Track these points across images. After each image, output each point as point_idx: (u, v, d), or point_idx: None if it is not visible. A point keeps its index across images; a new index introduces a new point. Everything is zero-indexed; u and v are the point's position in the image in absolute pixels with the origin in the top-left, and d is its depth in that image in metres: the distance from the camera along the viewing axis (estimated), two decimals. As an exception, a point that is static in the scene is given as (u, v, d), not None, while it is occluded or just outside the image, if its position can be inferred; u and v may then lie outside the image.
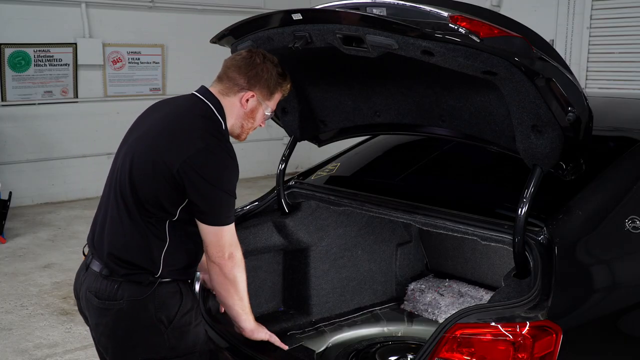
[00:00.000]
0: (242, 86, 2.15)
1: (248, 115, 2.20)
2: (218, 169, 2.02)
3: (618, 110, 2.90)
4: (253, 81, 2.15)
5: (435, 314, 3.05)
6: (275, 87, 2.19)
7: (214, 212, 2.05)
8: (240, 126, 2.21)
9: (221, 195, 2.04)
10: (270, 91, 2.19)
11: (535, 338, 1.75)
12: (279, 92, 2.22)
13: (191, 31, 8.92)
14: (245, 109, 2.18)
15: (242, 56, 2.18)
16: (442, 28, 1.74)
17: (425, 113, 2.43)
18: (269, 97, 2.20)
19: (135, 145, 2.13)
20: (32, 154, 7.98)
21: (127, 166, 2.10)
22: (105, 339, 2.14)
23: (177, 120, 2.12)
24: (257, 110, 2.20)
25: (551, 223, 2.04)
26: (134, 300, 2.05)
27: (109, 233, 2.13)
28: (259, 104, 2.19)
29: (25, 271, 5.57)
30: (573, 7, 7.16)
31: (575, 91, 1.86)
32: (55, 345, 4.13)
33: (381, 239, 3.18)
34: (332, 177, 3.02)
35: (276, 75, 2.17)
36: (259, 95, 2.17)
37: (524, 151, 2.03)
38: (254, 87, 2.16)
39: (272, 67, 2.16)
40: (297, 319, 2.91)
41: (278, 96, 2.24)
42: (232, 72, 2.17)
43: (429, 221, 2.37)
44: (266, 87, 2.17)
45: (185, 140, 2.03)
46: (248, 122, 2.21)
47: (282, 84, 2.21)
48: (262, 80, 2.15)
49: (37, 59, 7.79)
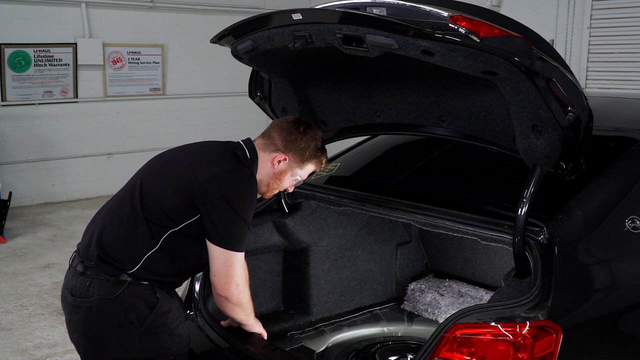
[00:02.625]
0: (278, 147, 2.25)
1: (276, 175, 2.27)
2: (239, 193, 2.07)
3: (618, 110, 2.90)
4: (290, 145, 2.25)
5: (435, 314, 3.05)
6: (309, 158, 2.28)
7: (226, 233, 2.07)
8: (266, 184, 2.28)
9: (237, 220, 2.07)
10: (304, 159, 2.27)
11: (535, 338, 1.75)
12: (313, 163, 2.30)
13: (191, 31, 8.92)
14: (275, 169, 2.26)
15: (288, 120, 2.32)
16: (442, 28, 1.73)
17: (425, 113, 2.43)
18: (300, 165, 2.28)
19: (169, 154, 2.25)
20: (32, 154, 7.98)
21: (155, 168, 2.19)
22: (77, 336, 2.15)
23: (212, 146, 2.23)
24: (285, 173, 2.28)
25: (551, 223, 2.03)
26: (103, 299, 2.05)
27: (104, 219, 2.16)
28: (289, 168, 2.27)
29: (25, 271, 5.57)
30: (573, 7, 7.16)
31: (575, 91, 1.86)
32: (55, 345, 4.13)
33: (381, 239, 3.18)
34: (332, 177, 3.02)
35: (314, 148, 2.27)
36: (291, 160, 2.26)
37: (524, 151, 2.03)
38: (288, 151, 2.25)
39: (312, 139, 2.27)
40: (297, 319, 2.91)
41: (311, 167, 2.31)
42: (274, 132, 2.28)
43: (429, 221, 2.36)
44: (300, 155, 2.26)
45: (215, 161, 2.12)
46: (275, 182, 2.28)
47: (318, 156, 2.30)
48: (298, 148, 2.25)
49: (37, 59, 7.79)
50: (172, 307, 2.16)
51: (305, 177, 2.35)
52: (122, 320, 2.04)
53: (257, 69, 2.61)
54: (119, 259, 2.07)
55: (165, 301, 2.12)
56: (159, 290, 2.12)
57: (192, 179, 2.07)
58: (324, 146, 2.32)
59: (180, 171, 2.12)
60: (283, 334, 2.79)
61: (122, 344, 2.06)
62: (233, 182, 2.07)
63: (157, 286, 2.12)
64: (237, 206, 2.06)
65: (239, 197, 2.07)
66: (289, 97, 2.68)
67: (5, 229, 6.52)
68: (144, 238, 2.07)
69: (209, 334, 2.46)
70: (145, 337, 2.07)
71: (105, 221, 2.16)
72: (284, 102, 2.70)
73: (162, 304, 2.10)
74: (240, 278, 2.13)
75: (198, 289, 2.60)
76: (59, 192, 8.24)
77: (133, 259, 2.06)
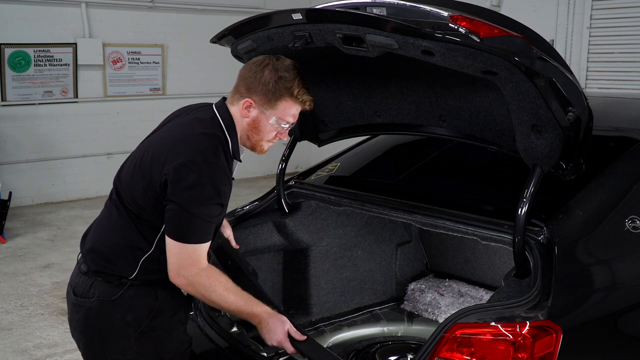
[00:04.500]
0: (242, 93, 2.03)
1: (252, 125, 2.03)
2: (187, 187, 1.88)
3: (618, 110, 2.90)
4: (251, 86, 2.00)
5: (435, 314, 3.05)
6: (278, 93, 1.98)
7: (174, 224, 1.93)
8: (247, 138, 2.07)
9: (183, 213, 1.90)
10: (271, 97, 1.99)
11: (535, 338, 1.75)
12: (286, 99, 1.99)
13: (191, 31, 8.93)
14: (248, 118, 2.03)
15: (252, 61, 2.03)
16: (442, 28, 1.74)
17: (425, 113, 2.43)
18: (271, 105, 2.00)
19: (142, 151, 2.10)
20: (32, 154, 7.98)
21: (132, 167, 2.09)
22: (77, 334, 2.14)
23: (176, 131, 2.04)
24: (259, 120, 2.02)
25: (551, 223, 2.04)
26: (103, 301, 2.03)
27: (97, 227, 2.13)
28: (261, 113, 2.01)
29: (25, 271, 5.58)
30: (573, 7, 7.16)
31: (575, 91, 1.86)
32: (55, 345, 4.13)
33: (381, 239, 3.18)
34: (332, 177, 3.02)
35: (278, 79, 1.97)
36: (258, 103, 2.00)
37: (524, 151, 2.03)
38: (252, 92, 2.00)
39: (274, 70, 1.98)
40: (297, 319, 2.91)
41: (286, 104, 2.00)
42: (237, 79, 2.05)
43: (429, 221, 2.36)
44: (264, 92, 1.98)
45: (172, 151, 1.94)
46: (254, 134, 2.05)
47: (288, 88, 1.98)
48: (260, 85, 1.98)
49: (37, 59, 7.79)
50: (173, 309, 2.11)
51: (289, 119, 2.03)
52: (120, 321, 2.03)
53: (257, 68, 2.60)
54: (117, 269, 2.04)
55: (166, 304, 2.08)
56: (162, 292, 2.07)
57: (152, 176, 1.95)
58: (295, 76, 1.99)
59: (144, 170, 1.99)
60: (283, 334, 2.79)
61: (119, 345, 2.05)
62: (185, 174, 1.88)
63: (160, 286, 2.06)
64: (184, 201, 1.88)
65: (187, 190, 1.88)
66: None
67: (5, 229, 6.53)
68: (137, 242, 2.02)
69: (209, 334, 2.46)
70: (141, 339, 2.04)
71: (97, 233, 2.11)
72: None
73: (160, 307, 2.07)
74: (189, 271, 1.92)
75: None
76: (59, 192, 8.24)
77: (130, 265, 2.03)
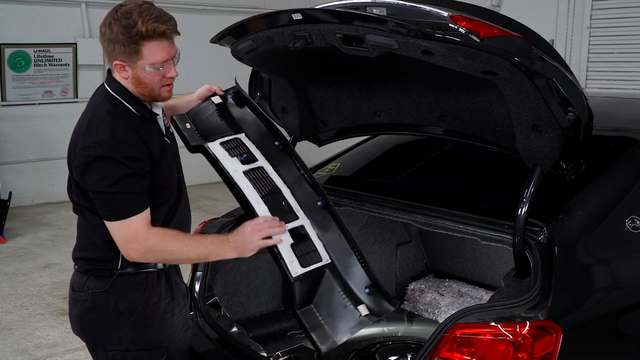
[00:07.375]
0: (110, 59, 1.98)
1: (135, 82, 1.99)
2: (90, 171, 1.91)
3: (618, 110, 2.90)
4: (111, 47, 1.94)
5: (435, 314, 3.05)
6: (132, 44, 1.91)
7: (100, 206, 1.96)
8: (141, 94, 2.03)
9: (100, 195, 1.93)
10: (130, 51, 1.92)
11: (535, 338, 1.75)
12: (143, 44, 1.92)
13: (191, 31, 8.91)
14: (127, 78, 1.99)
15: (101, 24, 1.97)
16: (442, 28, 1.74)
17: (425, 113, 2.43)
18: (137, 56, 1.93)
19: None
20: (32, 154, 7.98)
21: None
22: (76, 329, 2.17)
23: (79, 124, 2.02)
24: (137, 74, 1.97)
25: (551, 223, 2.04)
26: (96, 293, 2.05)
27: (77, 235, 2.14)
28: (134, 68, 1.96)
29: (25, 271, 5.57)
30: (573, 7, 7.16)
31: (575, 91, 1.86)
32: (55, 345, 4.13)
33: (381, 239, 3.17)
34: (332, 177, 3.02)
35: (124, 31, 1.89)
36: (126, 60, 1.95)
37: (524, 151, 2.03)
38: (115, 53, 1.94)
39: (117, 24, 1.90)
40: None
41: (151, 49, 1.93)
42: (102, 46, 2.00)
43: (429, 221, 2.37)
44: (122, 48, 1.92)
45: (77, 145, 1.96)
46: (141, 88, 2.00)
47: (138, 32, 1.89)
48: (115, 41, 1.91)
49: (37, 59, 7.79)
50: (167, 297, 2.10)
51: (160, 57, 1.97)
52: (113, 311, 2.04)
53: (257, 69, 2.61)
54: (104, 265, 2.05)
55: (156, 291, 2.07)
56: (153, 279, 2.06)
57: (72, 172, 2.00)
58: (138, 15, 1.90)
59: (70, 168, 2.03)
60: (283, 333, 2.79)
61: (115, 335, 2.06)
62: (85, 161, 1.91)
63: (150, 274, 2.06)
64: (95, 185, 1.91)
65: (92, 174, 1.91)
66: (288, 97, 2.68)
67: (5, 229, 6.52)
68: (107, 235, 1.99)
69: (209, 334, 2.46)
70: (135, 327, 2.05)
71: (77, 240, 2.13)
72: (284, 102, 2.70)
73: (153, 294, 2.06)
74: (136, 242, 1.93)
75: (198, 289, 2.60)
76: (59, 192, 8.22)
77: (112, 258, 2.03)
